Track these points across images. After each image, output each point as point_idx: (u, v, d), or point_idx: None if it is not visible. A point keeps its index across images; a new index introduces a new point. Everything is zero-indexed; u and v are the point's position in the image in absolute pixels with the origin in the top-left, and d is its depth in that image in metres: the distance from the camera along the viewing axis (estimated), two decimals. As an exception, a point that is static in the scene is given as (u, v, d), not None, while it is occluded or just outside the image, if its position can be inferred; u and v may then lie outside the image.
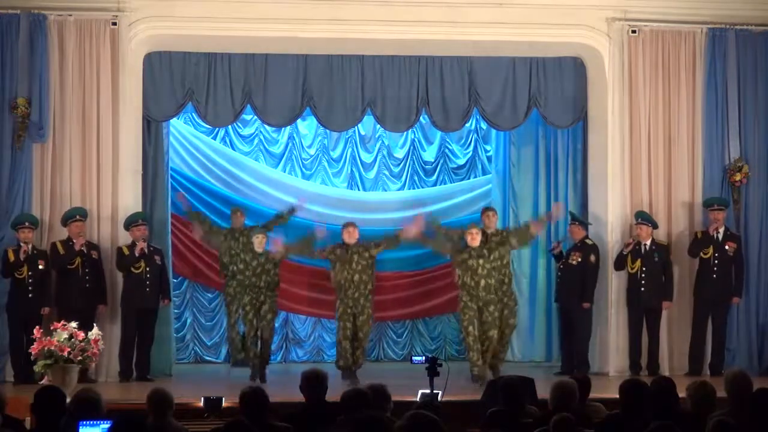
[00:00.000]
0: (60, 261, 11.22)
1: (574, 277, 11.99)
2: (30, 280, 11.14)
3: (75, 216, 11.26)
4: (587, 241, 12.09)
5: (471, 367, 10.98)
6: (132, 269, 11.41)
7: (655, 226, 11.94)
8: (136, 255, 11.35)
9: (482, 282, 11.06)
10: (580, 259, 11.97)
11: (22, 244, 11.14)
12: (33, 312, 11.06)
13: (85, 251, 11.26)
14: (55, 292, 11.29)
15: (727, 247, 11.88)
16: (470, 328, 11.04)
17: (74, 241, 11.22)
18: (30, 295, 11.14)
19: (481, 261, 11.10)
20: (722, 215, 11.92)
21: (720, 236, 11.88)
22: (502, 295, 11.59)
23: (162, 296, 11.64)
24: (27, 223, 11.18)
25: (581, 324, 12.02)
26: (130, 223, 11.42)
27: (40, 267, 11.19)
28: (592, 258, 11.98)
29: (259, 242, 11.55)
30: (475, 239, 11.16)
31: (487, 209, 12.21)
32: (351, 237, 11.45)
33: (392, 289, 13.51)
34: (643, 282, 11.84)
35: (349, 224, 11.65)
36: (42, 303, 11.16)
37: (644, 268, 11.83)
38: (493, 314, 11.11)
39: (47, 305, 11.17)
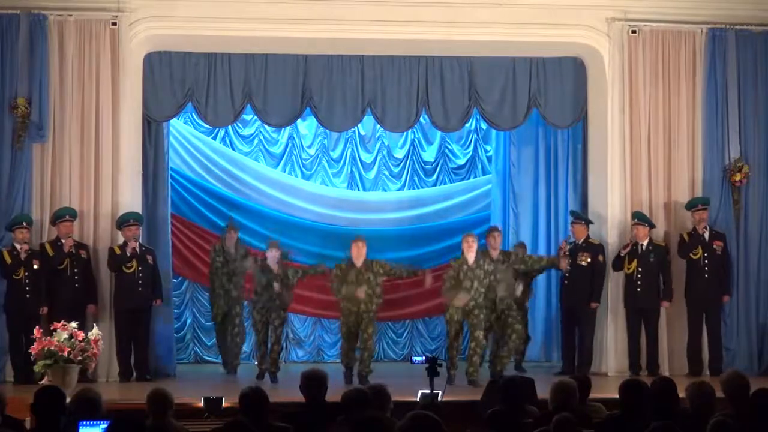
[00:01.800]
0: (49, 263, 11.17)
1: (583, 278, 11.95)
2: (27, 281, 11.11)
3: (65, 216, 11.21)
4: (592, 240, 12.07)
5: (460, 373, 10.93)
6: (124, 269, 11.38)
7: (651, 226, 11.93)
8: (128, 255, 11.32)
9: (471, 303, 11.01)
10: (589, 260, 11.94)
11: (17, 244, 11.10)
12: (31, 312, 11.04)
13: (74, 251, 11.21)
14: (45, 293, 11.22)
15: (715, 246, 11.88)
16: (455, 344, 11.12)
17: (62, 241, 11.17)
18: (28, 296, 11.11)
19: (475, 283, 10.99)
20: (707, 215, 11.93)
21: (707, 236, 11.89)
22: (505, 308, 11.54)
23: (154, 296, 11.57)
24: (24, 224, 11.16)
25: (587, 324, 12.00)
26: (122, 223, 11.38)
27: (35, 267, 11.14)
28: (600, 258, 11.97)
29: (273, 257, 11.45)
30: (471, 248, 11.04)
31: (493, 229, 11.96)
32: (360, 254, 11.17)
33: (392, 289, 13.49)
34: (639, 282, 11.83)
35: (359, 239, 11.35)
36: (40, 303, 11.13)
37: (640, 269, 11.82)
38: (478, 317, 11.02)
39: (45, 305, 11.15)
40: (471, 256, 11.02)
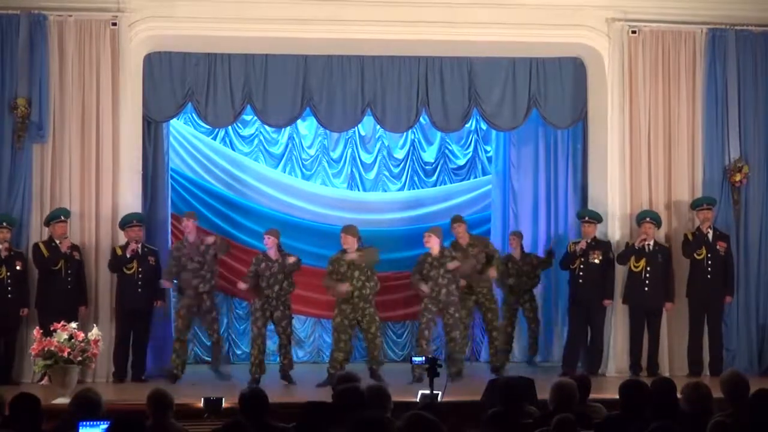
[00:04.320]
0: (44, 263, 11.11)
1: (596, 276, 11.92)
2: (8, 281, 11.04)
3: (59, 216, 11.17)
4: (599, 238, 12.06)
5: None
6: (124, 270, 11.36)
7: (659, 226, 11.92)
8: (128, 256, 11.30)
9: (443, 290, 11.22)
10: (601, 257, 11.93)
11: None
12: (11, 313, 11.01)
13: (68, 252, 11.17)
14: (37, 294, 11.20)
15: (718, 247, 11.87)
16: (426, 332, 11.28)
17: (57, 242, 11.12)
18: (9, 296, 11.05)
19: (441, 271, 11.23)
20: (712, 214, 11.92)
21: (711, 236, 11.88)
22: (482, 298, 12.02)
23: (155, 297, 11.54)
24: (4, 224, 11.11)
25: (601, 322, 11.99)
26: (125, 223, 11.36)
27: (18, 268, 11.09)
28: (611, 255, 11.98)
29: (272, 244, 11.35)
30: (429, 241, 11.40)
31: (454, 220, 12.24)
32: (346, 243, 11.24)
33: (392, 289, 13.50)
34: (647, 282, 11.80)
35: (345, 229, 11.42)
36: (20, 304, 11.09)
37: (648, 268, 11.80)
38: (453, 315, 11.26)
39: (26, 306, 11.12)
40: (435, 249, 11.36)
